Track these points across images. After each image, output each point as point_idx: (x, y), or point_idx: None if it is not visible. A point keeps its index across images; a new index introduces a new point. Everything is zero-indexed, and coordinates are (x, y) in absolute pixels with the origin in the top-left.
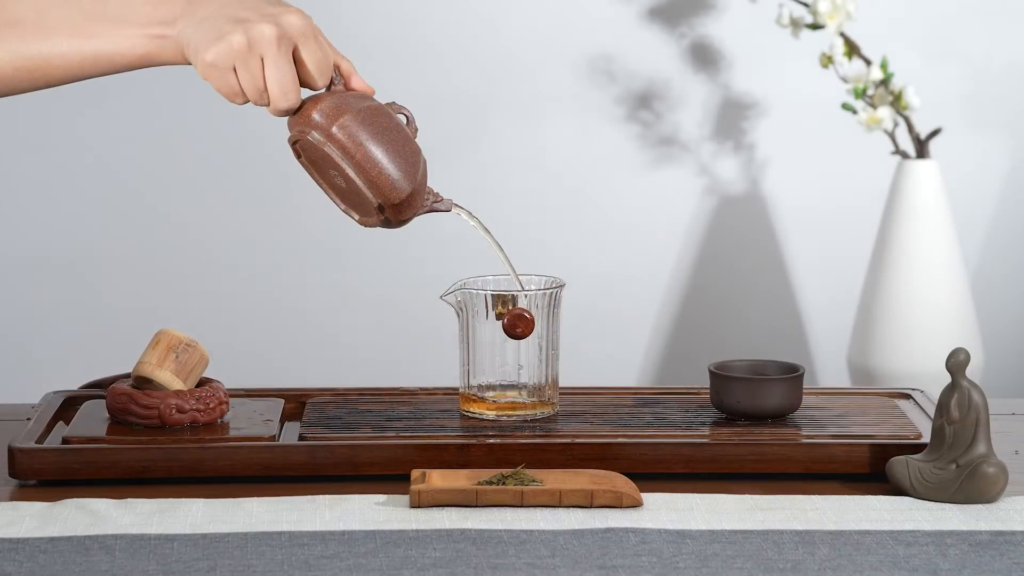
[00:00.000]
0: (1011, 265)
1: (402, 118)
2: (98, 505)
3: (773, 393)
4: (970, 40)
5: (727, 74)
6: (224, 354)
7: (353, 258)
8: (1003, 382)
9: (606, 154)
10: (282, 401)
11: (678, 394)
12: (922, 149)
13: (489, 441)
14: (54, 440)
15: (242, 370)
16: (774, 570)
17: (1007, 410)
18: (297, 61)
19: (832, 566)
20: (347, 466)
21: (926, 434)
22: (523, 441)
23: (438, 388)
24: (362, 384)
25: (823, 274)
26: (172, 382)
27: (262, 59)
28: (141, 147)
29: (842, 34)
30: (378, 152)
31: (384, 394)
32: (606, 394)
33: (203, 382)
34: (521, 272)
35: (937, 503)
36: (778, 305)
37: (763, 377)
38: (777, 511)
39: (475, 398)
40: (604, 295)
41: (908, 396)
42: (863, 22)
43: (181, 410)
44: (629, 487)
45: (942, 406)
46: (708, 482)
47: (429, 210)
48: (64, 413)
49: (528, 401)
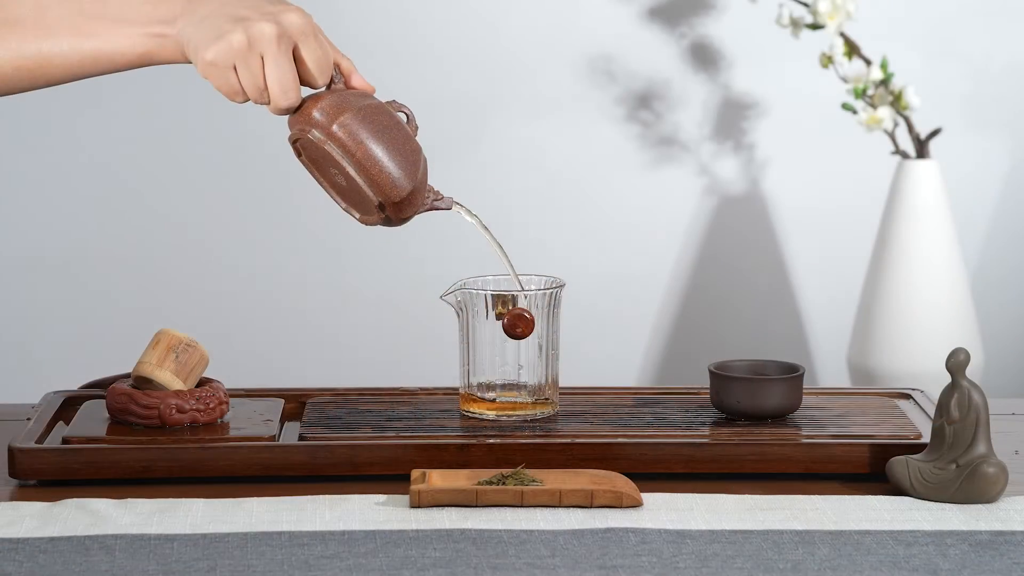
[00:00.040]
0: (1011, 265)
1: (402, 116)
2: (98, 505)
3: (773, 393)
4: (970, 40)
5: (727, 74)
6: (224, 354)
7: (353, 258)
8: (1003, 382)
9: (606, 154)
10: (282, 401)
11: (678, 394)
12: (922, 149)
13: (489, 441)
14: (54, 440)
15: (242, 370)
16: (774, 570)
17: (1007, 410)
18: (297, 59)
19: (832, 566)
20: (347, 466)
21: (926, 434)
22: (523, 441)
23: (438, 388)
24: (362, 384)
25: (823, 274)
26: (172, 382)
27: (262, 58)
28: (140, 147)
29: (842, 34)
30: (378, 150)
31: (384, 394)
32: (606, 394)
33: (203, 382)
34: (521, 272)
35: (937, 503)
36: (778, 305)
37: (763, 377)
38: (777, 511)
39: (475, 398)
40: (604, 295)
41: (908, 396)
42: (863, 22)
43: (181, 410)
44: (629, 487)
45: (942, 406)
46: (708, 482)
47: (430, 208)
48: (64, 413)
49: (528, 401)
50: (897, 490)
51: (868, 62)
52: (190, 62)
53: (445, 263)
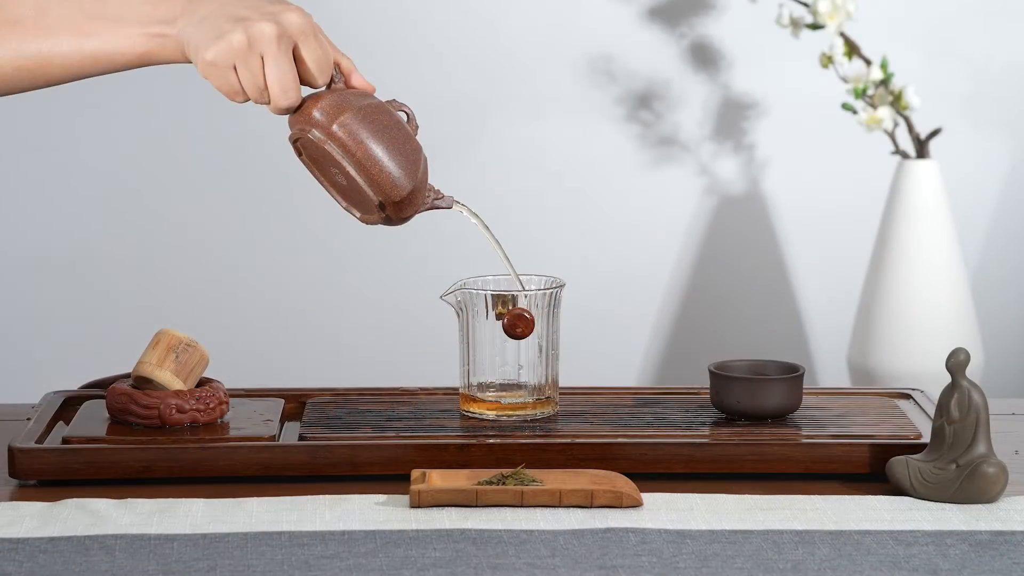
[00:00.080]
0: (1011, 265)
1: (403, 115)
2: (98, 505)
3: (773, 393)
4: (970, 40)
5: (727, 74)
6: (224, 354)
7: (353, 258)
8: (1003, 382)
9: (606, 154)
10: (282, 401)
11: (678, 394)
12: (922, 149)
13: (489, 441)
14: (54, 440)
15: (242, 370)
16: (774, 570)
17: (1007, 410)
18: (297, 59)
19: (832, 566)
20: (347, 466)
21: (926, 434)
22: (523, 441)
23: (438, 388)
24: (362, 384)
25: (823, 274)
26: (172, 382)
27: (262, 57)
28: (141, 147)
29: (842, 34)
30: (379, 150)
31: (384, 394)
32: (606, 394)
33: (203, 382)
34: (521, 272)
35: (937, 503)
36: (778, 305)
37: (763, 377)
38: (777, 511)
39: (475, 398)
40: (604, 295)
41: (908, 396)
42: (863, 22)
43: (181, 410)
44: (629, 487)
45: (942, 406)
46: (708, 482)
47: (430, 207)
48: (64, 413)
49: (528, 401)
50: (897, 490)
51: (868, 62)
52: (190, 62)
53: (445, 263)
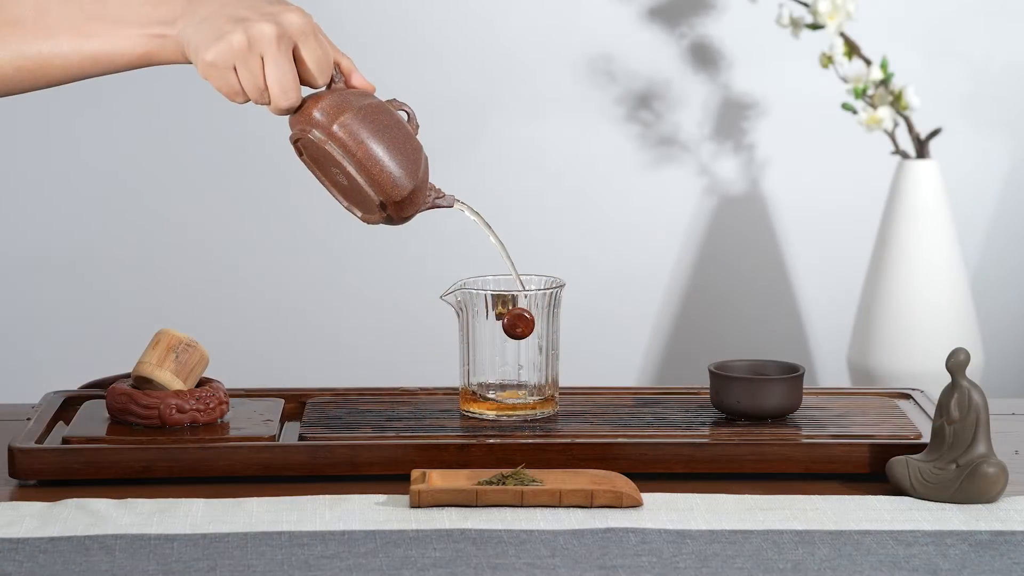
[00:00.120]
0: (1011, 265)
1: (403, 115)
2: (98, 505)
3: (773, 393)
4: (970, 40)
5: (727, 74)
6: (224, 354)
7: (353, 258)
8: (1003, 382)
9: (606, 154)
10: (282, 401)
11: (678, 394)
12: (922, 149)
13: (489, 441)
14: (54, 440)
15: (242, 370)
16: (774, 570)
17: (1007, 410)
18: (297, 59)
19: (832, 566)
20: (347, 466)
21: (926, 434)
22: (523, 441)
23: (438, 388)
24: (362, 384)
25: (823, 274)
26: (172, 382)
27: (262, 58)
28: (141, 147)
29: (842, 34)
30: (379, 149)
31: (384, 394)
32: (606, 394)
33: (203, 382)
34: (521, 272)
35: (937, 503)
36: (778, 305)
37: (763, 377)
38: (777, 511)
39: (475, 398)
40: (604, 295)
41: (908, 396)
42: (863, 22)
43: (181, 410)
44: (629, 487)
45: (942, 406)
46: (708, 482)
47: (431, 206)
48: (64, 413)
49: (528, 401)
50: (897, 490)
51: (868, 62)
52: (190, 63)
53: (445, 263)
